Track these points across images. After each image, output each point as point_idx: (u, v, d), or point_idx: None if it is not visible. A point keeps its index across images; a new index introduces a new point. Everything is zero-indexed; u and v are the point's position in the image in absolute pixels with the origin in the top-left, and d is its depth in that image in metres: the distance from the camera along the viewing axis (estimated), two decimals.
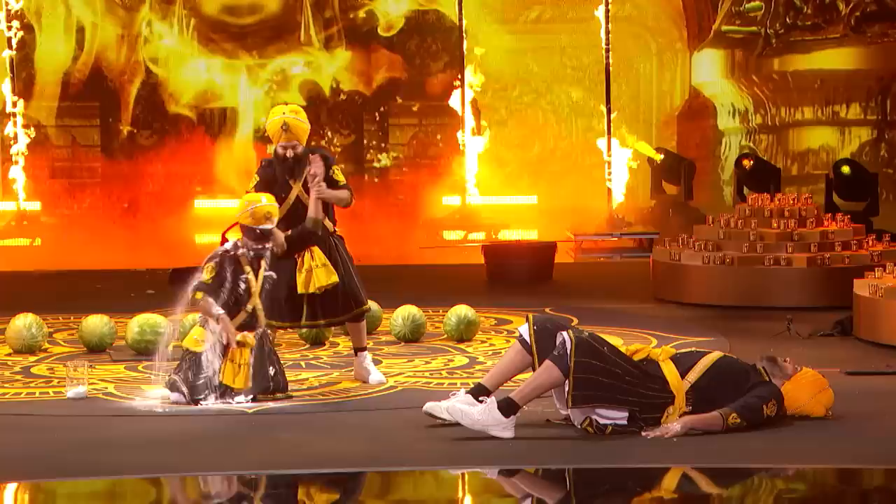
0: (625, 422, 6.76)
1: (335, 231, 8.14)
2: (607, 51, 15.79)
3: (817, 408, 7.07)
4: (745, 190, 13.93)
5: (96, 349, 9.08)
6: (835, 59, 16.16)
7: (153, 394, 7.81)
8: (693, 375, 6.85)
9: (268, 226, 7.63)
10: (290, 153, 7.92)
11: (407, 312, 9.46)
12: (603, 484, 6.28)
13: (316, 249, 7.96)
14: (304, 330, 9.35)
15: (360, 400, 7.74)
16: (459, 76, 16.25)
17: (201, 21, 17.05)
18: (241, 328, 7.62)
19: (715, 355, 6.97)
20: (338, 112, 17.31)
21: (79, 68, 16.82)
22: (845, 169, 13.89)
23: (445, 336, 9.51)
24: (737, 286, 10.82)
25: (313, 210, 7.89)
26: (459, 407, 6.84)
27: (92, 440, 6.91)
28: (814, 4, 16.32)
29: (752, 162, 14.58)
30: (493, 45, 17.09)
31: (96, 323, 9.13)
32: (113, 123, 17.03)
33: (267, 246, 7.65)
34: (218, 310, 7.55)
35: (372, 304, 9.75)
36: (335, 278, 7.96)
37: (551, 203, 16.55)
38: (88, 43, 16.89)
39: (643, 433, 6.75)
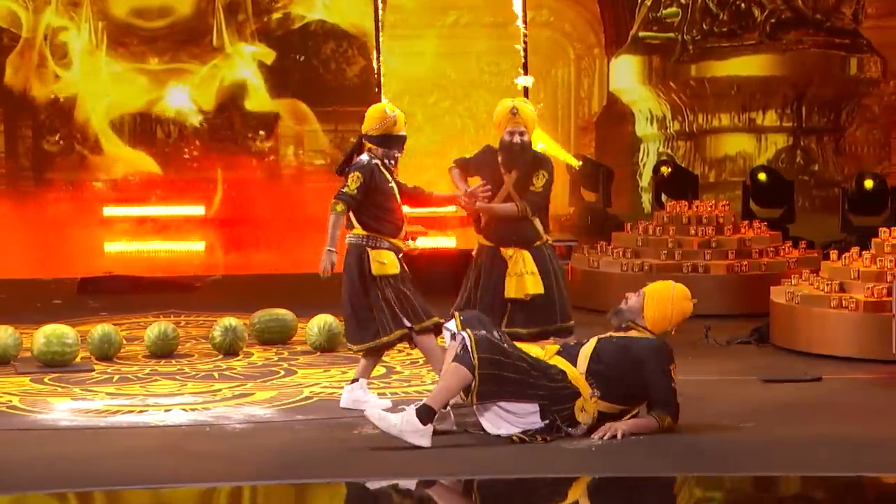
0: (538, 418, 6.80)
1: (547, 240, 8.03)
2: (525, 57, 15.88)
3: (683, 305, 7.08)
4: (664, 197, 14.08)
5: (0, 361, 8.93)
6: (751, 65, 16.40)
7: (60, 406, 7.69)
8: (582, 364, 6.94)
9: (404, 132, 7.68)
10: (517, 139, 7.80)
11: (323, 321, 9.43)
12: (518, 494, 6.30)
13: (527, 256, 7.86)
14: (217, 340, 9.29)
15: (276, 410, 7.70)
16: (376, 80, 16.23)
17: (110, 24, 16.86)
18: (404, 236, 7.68)
19: (592, 341, 7.06)
20: (252, 118, 17.22)
21: None
22: (762, 176, 14.08)
23: None
24: None
25: (504, 209, 7.82)
26: (377, 412, 6.87)
27: None
28: (730, 11, 16.56)
29: (670, 169, 14.75)
30: (409, 51, 17.11)
31: (0, 334, 8.98)
32: (18, 129, 16.76)
33: (398, 154, 7.70)
34: (335, 236, 7.55)
35: (287, 314, 9.73)
36: (541, 289, 7.84)
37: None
38: None
39: (593, 436, 6.81)
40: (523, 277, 7.82)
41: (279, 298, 10.46)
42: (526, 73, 15.81)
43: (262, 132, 17.31)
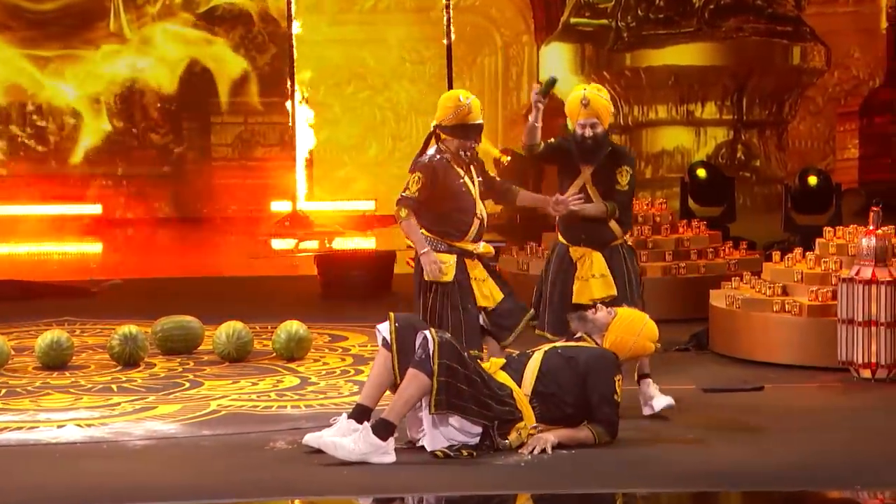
0: (477, 440, 6.83)
1: (625, 241, 7.94)
2: (449, 44, 15.92)
3: (646, 345, 7.28)
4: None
5: None
6: (689, 54, 16.56)
7: None
8: (527, 384, 6.98)
9: (481, 119, 7.61)
10: (588, 132, 7.72)
11: (232, 329, 9.38)
12: None
13: (598, 258, 7.78)
14: (116, 349, 9.20)
15: (180, 425, 7.64)
16: (289, 70, 16.18)
17: None
18: (476, 238, 7.65)
19: (538, 356, 7.10)
20: (153, 109, 17.07)
21: None
22: (701, 172, 14.22)
23: (274, 354, 9.45)
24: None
25: (593, 209, 7.73)
26: (330, 440, 6.79)
27: None
28: None
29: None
30: (324, 37, 17.07)
31: None
32: None
33: (475, 144, 7.61)
34: (420, 239, 7.56)
35: (193, 321, 9.66)
36: (613, 291, 7.75)
37: (390, 209, 16.57)
38: None
39: (522, 450, 6.85)
40: (589, 282, 7.77)
41: (184, 304, 10.39)
42: (449, 61, 15.85)
43: (164, 125, 17.16)
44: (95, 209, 16.84)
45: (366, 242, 15.74)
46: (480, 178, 7.77)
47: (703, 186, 14.25)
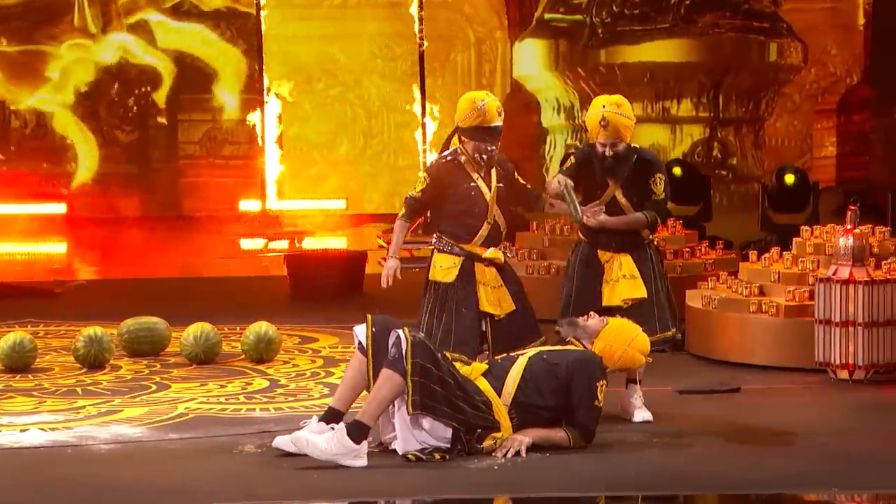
0: (448, 444, 6.83)
1: (652, 240, 7.95)
2: (421, 40, 15.93)
3: (636, 357, 7.32)
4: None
5: None
6: (664, 51, 16.63)
7: None
8: (507, 394, 6.98)
9: (499, 122, 7.57)
10: (608, 152, 7.73)
11: (200, 330, 9.36)
12: None
13: (626, 259, 7.77)
14: (81, 351, 9.17)
15: (147, 429, 7.62)
16: (258, 66, 16.16)
17: None
18: (486, 242, 7.59)
19: (522, 362, 7.09)
20: (119, 106, 17.02)
21: None
22: (676, 170, 14.28)
23: (243, 356, 9.44)
24: (552, 298, 11.01)
25: (631, 221, 7.75)
26: (304, 436, 6.78)
27: None
28: None
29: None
30: (294, 33, 17.06)
31: None
32: None
33: (495, 148, 7.61)
34: (395, 243, 7.64)
35: (159, 322, 9.64)
36: (642, 293, 7.75)
37: (361, 208, 16.59)
38: None
39: (495, 453, 6.85)
40: (618, 283, 7.78)
41: (150, 305, 10.36)
42: (421, 57, 15.85)
43: (130, 122, 17.12)
44: (60, 208, 16.79)
45: (337, 242, 15.73)
46: (501, 184, 7.73)
47: (678, 185, 14.30)
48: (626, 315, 7.69)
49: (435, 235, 7.78)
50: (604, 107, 7.77)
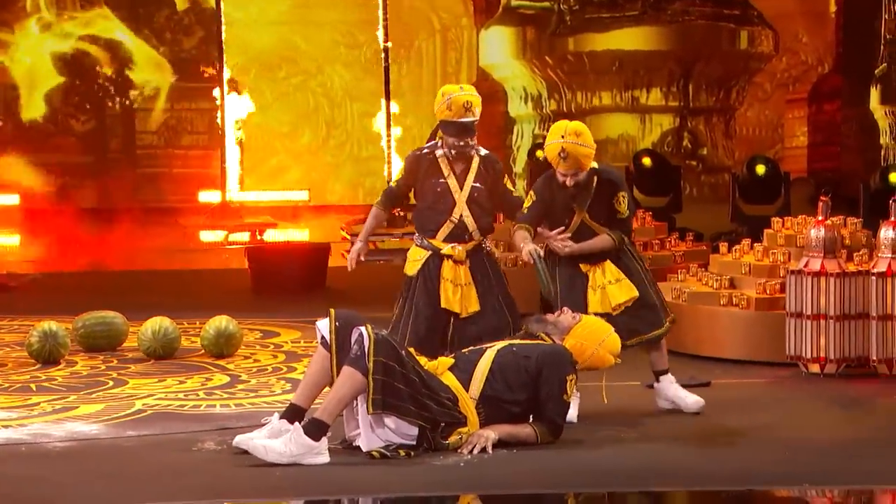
0: (413, 441, 6.84)
1: (633, 240, 8.01)
2: (385, 27, 15.92)
3: (605, 357, 7.36)
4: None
5: None
6: (633, 38, 16.68)
7: None
8: (475, 388, 7.00)
9: (469, 118, 7.58)
10: (570, 181, 7.71)
11: (158, 325, 9.34)
12: None
13: (608, 264, 7.79)
14: (35, 346, 9.14)
15: (103, 426, 7.60)
16: (217, 53, 16.11)
17: None
18: (449, 239, 7.64)
19: (490, 354, 7.11)
20: (74, 94, 16.94)
21: None
22: (646, 160, 14.33)
23: (203, 351, 9.43)
24: (528, 291, 11.02)
25: (599, 243, 7.73)
26: (260, 444, 6.76)
27: None
28: None
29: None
30: (254, 19, 17.01)
31: None
32: None
33: (471, 143, 7.60)
34: (366, 230, 7.82)
35: (116, 316, 9.61)
36: (634, 292, 7.77)
37: (324, 199, 16.57)
38: None
39: (461, 450, 6.87)
40: (606, 289, 7.80)
41: (107, 299, 10.33)
42: (386, 52, 15.83)
43: (85, 111, 17.03)
44: (13, 199, 16.69)
45: (299, 234, 15.72)
46: (479, 185, 7.72)
47: (648, 175, 14.37)
48: (628, 319, 7.75)
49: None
50: (563, 137, 7.68)
